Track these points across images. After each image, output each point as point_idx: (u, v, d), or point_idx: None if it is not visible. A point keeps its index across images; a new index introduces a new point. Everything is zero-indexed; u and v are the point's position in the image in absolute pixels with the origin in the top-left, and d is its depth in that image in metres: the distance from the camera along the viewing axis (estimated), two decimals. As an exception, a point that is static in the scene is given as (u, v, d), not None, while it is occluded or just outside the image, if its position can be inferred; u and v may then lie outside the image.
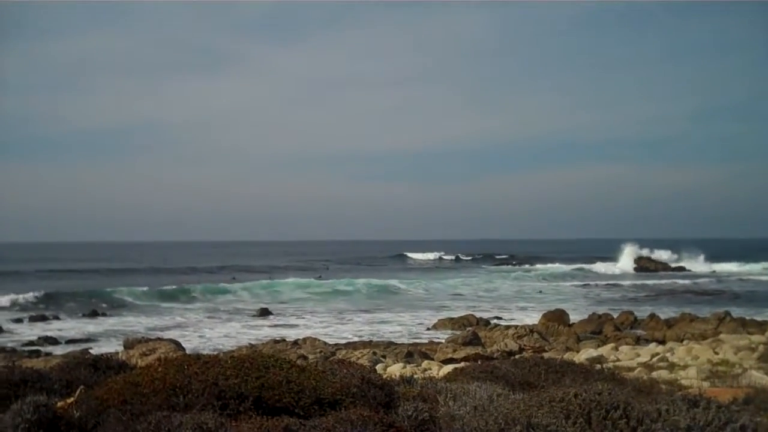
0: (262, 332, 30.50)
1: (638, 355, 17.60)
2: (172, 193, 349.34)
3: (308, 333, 28.51)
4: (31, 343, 26.74)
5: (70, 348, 25.28)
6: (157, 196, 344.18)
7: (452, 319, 31.65)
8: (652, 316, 30.00)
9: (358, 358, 17.68)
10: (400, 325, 32.73)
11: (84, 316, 36.58)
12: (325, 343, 23.92)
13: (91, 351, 22.44)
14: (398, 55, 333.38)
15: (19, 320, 34.27)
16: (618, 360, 17.07)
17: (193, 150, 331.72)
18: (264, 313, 37.81)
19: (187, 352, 17.92)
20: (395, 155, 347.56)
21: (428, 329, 30.81)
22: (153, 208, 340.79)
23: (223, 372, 6.50)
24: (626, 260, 79.32)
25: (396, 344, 23.95)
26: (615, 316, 30.81)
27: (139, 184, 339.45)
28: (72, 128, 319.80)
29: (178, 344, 19.07)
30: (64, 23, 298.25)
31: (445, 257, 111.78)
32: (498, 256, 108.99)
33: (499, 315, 35.75)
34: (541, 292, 52.01)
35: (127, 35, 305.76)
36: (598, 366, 13.13)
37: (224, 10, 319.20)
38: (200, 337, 29.12)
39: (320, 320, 35.33)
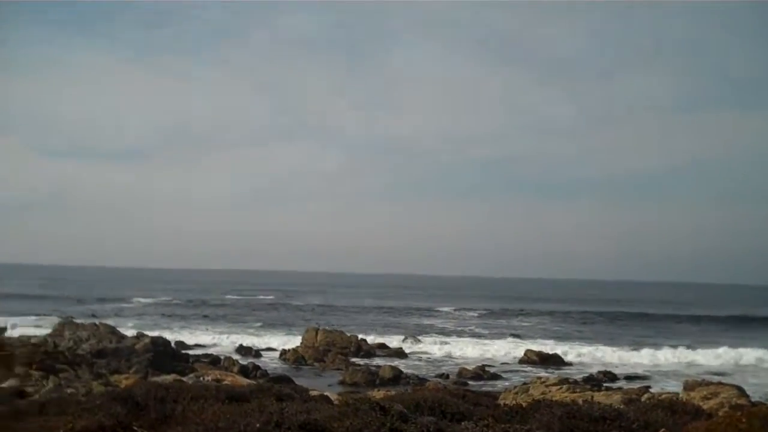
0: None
1: None
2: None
3: None
4: (591, 377, 28.77)
5: (630, 384, 26.46)
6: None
7: None
8: None
9: None
10: None
11: (632, 349, 38.01)
12: None
13: (650, 389, 23.19)
14: None
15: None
16: None
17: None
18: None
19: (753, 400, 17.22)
20: None
21: None
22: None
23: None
24: None
25: None
26: None
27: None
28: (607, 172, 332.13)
29: (741, 390, 18.22)
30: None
31: None
32: None
33: None
34: None
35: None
36: None
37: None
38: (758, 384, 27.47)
39: None
